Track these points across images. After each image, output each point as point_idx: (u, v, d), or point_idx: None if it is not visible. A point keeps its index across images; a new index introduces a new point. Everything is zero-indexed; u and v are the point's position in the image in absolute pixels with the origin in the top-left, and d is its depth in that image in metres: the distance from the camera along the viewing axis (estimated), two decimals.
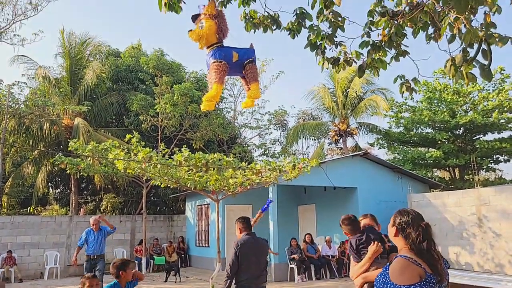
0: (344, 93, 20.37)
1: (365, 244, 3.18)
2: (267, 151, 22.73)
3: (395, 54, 3.61)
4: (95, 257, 7.57)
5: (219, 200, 10.36)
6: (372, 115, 20.26)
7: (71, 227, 14.17)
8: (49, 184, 20.77)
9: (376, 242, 3.09)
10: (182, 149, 8.99)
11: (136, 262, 14.05)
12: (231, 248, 4.12)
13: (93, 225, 7.70)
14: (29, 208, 19.08)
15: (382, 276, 1.96)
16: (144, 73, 18.41)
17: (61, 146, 16.90)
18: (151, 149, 9.20)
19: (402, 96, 3.99)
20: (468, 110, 18.82)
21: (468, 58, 2.66)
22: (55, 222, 14.09)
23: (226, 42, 3.48)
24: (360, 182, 12.36)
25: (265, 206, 4.40)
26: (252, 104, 3.69)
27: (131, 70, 19.48)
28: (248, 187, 9.50)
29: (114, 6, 49.73)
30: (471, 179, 18.41)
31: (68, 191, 18.90)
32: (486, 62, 2.55)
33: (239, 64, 3.47)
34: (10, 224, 13.42)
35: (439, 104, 18.87)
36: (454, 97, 18.42)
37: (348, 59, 3.77)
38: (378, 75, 3.96)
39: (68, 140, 11.17)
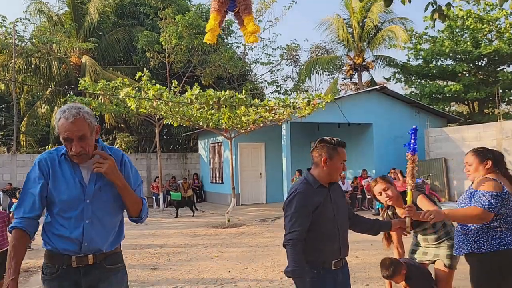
0: (361, 24, 19.17)
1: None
2: (279, 88, 22.19)
3: None
4: (88, 260, 1.84)
5: (232, 138, 10.31)
6: (389, 48, 19.21)
7: None
8: None
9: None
10: (193, 87, 8.73)
11: (154, 197, 14.59)
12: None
13: (64, 140, 1.84)
14: (47, 147, 19.54)
15: (467, 193, 2.46)
16: (148, 7, 17.44)
17: (72, 86, 16.73)
18: (161, 86, 8.97)
19: (433, 27, 3.59)
20: (493, 39, 17.63)
21: None
22: None
23: None
24: (375, 118, 12.08)
25: (412, 141, 2.45)
26: (257, 39, 3.30)
27: (136, 3, 18.49)
28: (261, 124, 9.37)
29: None
30: (490, 113, 17.87)
31: None
32: None
33: None
34: (30, 162, 13.92)
35: (461, 33, 17.67)
36: (478, 25, 17.13)
37: None
38: (410, 1, 3.62)
39: (78, 78, 10.98)
